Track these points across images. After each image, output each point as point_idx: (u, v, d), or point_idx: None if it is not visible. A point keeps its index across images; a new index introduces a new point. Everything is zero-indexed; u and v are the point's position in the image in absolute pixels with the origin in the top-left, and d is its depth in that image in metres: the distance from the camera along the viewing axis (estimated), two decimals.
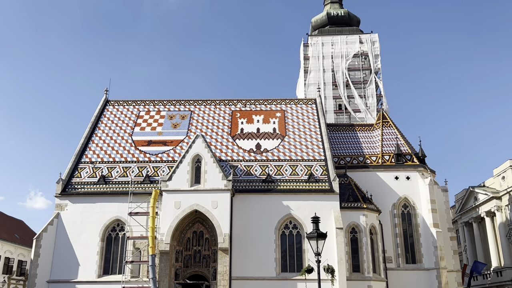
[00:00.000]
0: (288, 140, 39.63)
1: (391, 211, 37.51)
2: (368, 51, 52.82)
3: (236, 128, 41.39)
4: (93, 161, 38.11)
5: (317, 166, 36.74)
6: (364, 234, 33.87)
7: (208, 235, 34.65)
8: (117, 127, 41.96)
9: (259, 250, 33.08)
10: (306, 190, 34.81)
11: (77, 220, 34.34)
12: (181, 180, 33.84)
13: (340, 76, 51.93)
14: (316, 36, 54.75)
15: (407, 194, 37.91)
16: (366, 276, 32.90)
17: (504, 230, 45.79)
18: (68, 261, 33.36)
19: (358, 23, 58.05)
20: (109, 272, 33.64)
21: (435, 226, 36.18)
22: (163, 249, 32.14)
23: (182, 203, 33.09)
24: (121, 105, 44.86)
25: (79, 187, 35.79)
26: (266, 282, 32.14)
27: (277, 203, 34.29)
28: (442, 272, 34.68)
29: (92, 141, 40.22)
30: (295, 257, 33.43)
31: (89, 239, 33.88)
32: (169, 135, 40.70)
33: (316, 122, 41.88)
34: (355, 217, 34.28)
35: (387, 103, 50.31)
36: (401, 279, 35.21)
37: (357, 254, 33.66)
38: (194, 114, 43.36)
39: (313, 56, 53.49)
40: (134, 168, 37.30)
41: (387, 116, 44.33)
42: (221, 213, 32.66)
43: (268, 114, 42.96)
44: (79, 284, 32.73)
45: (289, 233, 34.11)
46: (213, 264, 33.77)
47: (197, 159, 34.84)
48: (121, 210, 34.20)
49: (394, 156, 39.56)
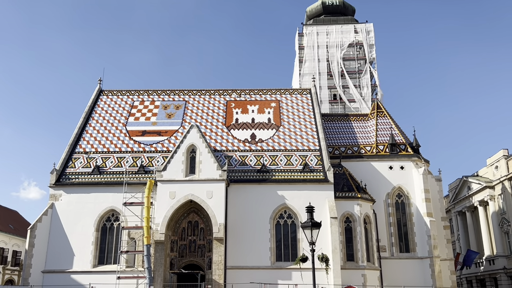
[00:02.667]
0: (283, 130, 39.62)
1: (385, 201, 37.71)
2: (363, 40, 52.72)
3: (231, 118, 41.30)
4: (87, 151, 37.95)
5: (311, 156, 36.80)
6: (358, 224, 34.05)
7: (203, 225, 34.73)
8: (111, 117, 41.74)
9: (254, 240, 33.20)
10: (301, 180, 34.89)
11: (71, 211, 34.26)
12: (176, 170, 33.80)
13: (335, 66, 51.85)
14: (311, 26, 54.52)
15: (401, 184, 38.11)
16: (360, 265, 33.15)
17: (496, 219, 46.22)
18: (63, 251, 33.32)
19: (353, 12, 57.86)
20: (104, 262, 33.65)
21: (429, 216, 36.42)
22: (158, 239, 32.19)
23: (177, 193, 33.08)
24: (115, 95, 44.59)
25: (74, 178, 35.67)
26: (261, 271, 32.27)
27: (272, 193, 34.36)
28: (435, 261, 34.99)
29: (86, 131, 40.00)
30: (290, 246, 33.60)
31: (83, 229, 33.82)
32: (163, 125, 40.54)
33: (311, 112, 41.85)
34: (349, 206, 34.43)
35: (382, 93, 50.36)
36: (395, 267, 35.48)
37: (351, 243, 33.86)
38: (188, 104, 43.19)
39: (308, 45, 53.31)
40: (128, 158, 37.19)
41: (381, 106, 44.38)
42: (216, 203, 32.69)
43: (263, 104, 42.87)
44: (74, 274, 32.74)
45: (284, 223, 34.23)
46: (208, 253, 33.89)
47: (191, 149, 34.78)
48: (115, 200, 34.14)
49: (388, 146, 39.68)
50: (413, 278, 34.72)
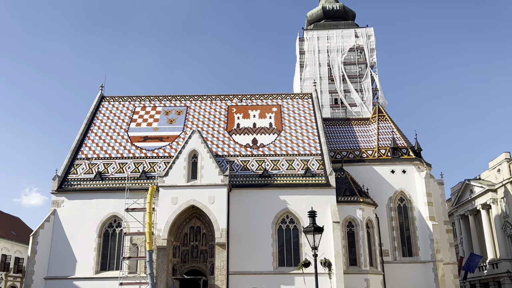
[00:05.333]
0: (284, 135, 39.63)
1: (387, 205, 37.64)
2: (363, 45, 52.78)
3: (232, 123, 41.34)
4: (89, 157, 38.01)
5: (313, 161, 36.79)
6: (360, 228, 33.99)
7: (205, 230, 34.69)
8: (112, 123, 41.83)
9: (257, 245, 33.14)
10: (303, 184, 34.86)
11: (73, 217, 34.28)
12: (177, 176, 33.81)
13: (336, 70, 51.90)
14: (312, 31, 54.64)
15: (403, 188, 38.05)
16: (363, 269, 33.04)
17: (499, 222, 46.07)
18: (65, 257, 33.32)
19: (354, 17, 57.97)
20: (106, 268, 33.65)
21: (431, 219, 36.35)
22: (160, 244, 32.15)
23: (179, 198, 33.07)
24: (117, 101, 44.70)
25: (76, 184, 35.70)
26: (264, 276, 32.20)
27: (274, 197, 34.34)
28: (438, 265, 34.88)
29: (88, 137, 40.09)
30: (292, 251, 33.52)
31: (86, 236, 33.83)
32: (165, 130, 40.61)
33: (312, 116, 41.88)
34: (351, 211, 34.38)
35: (383, 97, 50.38)
36: (398, 272, 35.39)
37: (354, 248, 33.78)
38: (190, 110, 43.27)
39: (308, 50, 53.41)
40: (130, 164, 37.23)
41: (383, 110, 44.41)
42: (218, 208, 32.67)
43: (264, 109, 42.92)
44: (77, 280, 32.72)
45: (286, 228, 34.18)
46: (210, 259, 33.83)
47: (193, 154, 34.81)
48: (117, 206, 34.18)
49: (390, 150, 39.66)
50: (416, 282, 34.65)
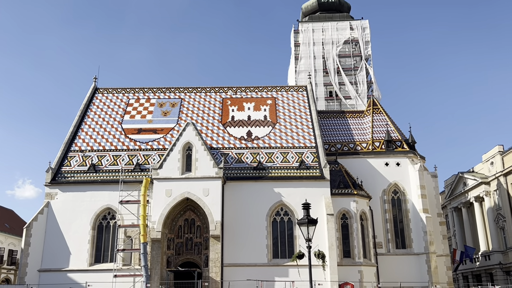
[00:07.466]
0: (279, 127, 39.60)
1: (381, 197, 37.80)
2: (358, 37, 52.73)
3: (227, 116, 41.24)
4: (83, 149, 37.82)
5: (308, 153, 36.82)
6: (354, 220, 34.13)
7: (199, 222, 34.71)
8: (106, 115, 41.60)
9: (251, 237, 33.22)
10: (297, 177, 34.91)
11: (67, 209, 34.16)
12: (172, 168, 33.75)
13: (331, 62, 51.84)
14: (307, 23, 54.48)
15: (397, 180, 38.20)
16: (357, 261, 33.23)
17: (492, 215, 46.41)
18: (59, 250, 33.25)
19: (349, 9, 57.85)
20: (100, 260, 33.63)
21: (425, 212, 36.56)
22: (154, 237, 32.16)
23: (173, 191, 33.03)
24: (111, 93, 44.44)
25: (69, 176, 35.54)
26: (258, 268, 32.31)
27: (268, 190, 34.37)
28: (431, 257, 35.13)
29: (81, 129, 39.86)
30: (286, 243, 33.63)
31: (80, 228, 33.75)
32: (159, 123, 40.45)
33: (307, 109, 41.86)
34: (345, 203, 34.51)
35: (378, 90, 50.42)
36: (391, 264, 35.62)
37: (347, 240, 33.94)
38: (184, 102, 43.09)
39: (303, 42, 53.28)
40: (124, 156, 37.09)
41: (377, 102, 44.45)
42: (213, 201, 32.67)
43: (259, 102, 42.83)
44: (71, 272, 32.67)
45: (280, 220, 34.26)
46: (205, 251, 33.88)
47: (187, 147, 34.72)
48: (112, 198, 34.10)
49: (384, 143, 39.75)
50: (409, 274, 34.86)
